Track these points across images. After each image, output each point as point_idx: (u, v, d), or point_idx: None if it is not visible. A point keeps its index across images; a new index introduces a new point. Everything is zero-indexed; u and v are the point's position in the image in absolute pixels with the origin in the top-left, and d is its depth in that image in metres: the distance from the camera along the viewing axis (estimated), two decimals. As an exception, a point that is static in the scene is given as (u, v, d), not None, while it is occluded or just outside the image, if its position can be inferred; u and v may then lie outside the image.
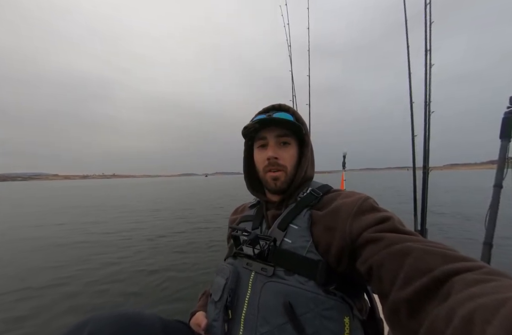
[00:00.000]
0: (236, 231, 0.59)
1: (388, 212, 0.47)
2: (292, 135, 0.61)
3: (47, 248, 4.05)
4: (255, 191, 0.68)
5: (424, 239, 0.38)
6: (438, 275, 0.30)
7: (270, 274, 0.49)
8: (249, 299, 0.49)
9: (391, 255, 0.36)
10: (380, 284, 0.37)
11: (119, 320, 0.44)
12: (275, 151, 0.59)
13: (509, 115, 1.21)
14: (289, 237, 0.52)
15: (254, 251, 0.54)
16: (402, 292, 0.32)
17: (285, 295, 0.45)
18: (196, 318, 0.59)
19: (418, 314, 0.29)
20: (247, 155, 0.70)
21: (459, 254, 0.33)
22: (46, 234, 5.01)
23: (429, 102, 1.93)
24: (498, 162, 1.27)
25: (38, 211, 8.88)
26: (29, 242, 4.40)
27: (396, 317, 0.33)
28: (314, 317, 0.42)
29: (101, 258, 3.44)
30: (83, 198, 15.13)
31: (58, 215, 7.64)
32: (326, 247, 0.48)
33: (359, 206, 0.48)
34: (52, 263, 3.27)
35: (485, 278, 0.26)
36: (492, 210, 1.27)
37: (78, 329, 0.41)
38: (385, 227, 0.42)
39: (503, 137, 1.23)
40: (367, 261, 0.40)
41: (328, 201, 0.56)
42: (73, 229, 5.47)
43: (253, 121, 0.60)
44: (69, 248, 4.00)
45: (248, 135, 0.65)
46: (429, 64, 1.92)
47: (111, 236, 4.77)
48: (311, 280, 0.45)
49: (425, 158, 1.94)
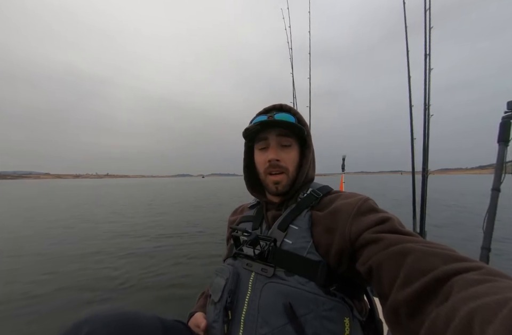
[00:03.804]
0: (236, 232, 0.59)
1: (387, 213, 0.48)
2: (293, 136, 0.61)
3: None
4: (255, 192, 0.68)
5: (424, 239, 0.39)
6: (438, 275, 0.30)
7: (270, 275, 0.49)
8: (249, 300, 0.49)
9: (391, 256, 0.37)
10: (379, 285, 0.37)
11: (118, 320, 0.44)
12: (276, 152, 0.59)
13: (506, 120, 1.22)
14: (290, 237, 0.52)
15: (255, 252, 0.53)
16: (403, 292, 0.32)
17: (285, 295, 0.45)
18: (195, 318, 0.58)
19: (418, 314, 0.29)
20: (247, 156, 0.70)
21: (459, 254, 0.33)
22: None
23: (428, 105, 1.95)
24: (496, 166, 1.27)
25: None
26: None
27: (396, 317, 0.33)
28: (314, 318, 0.42)
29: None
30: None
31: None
32: (326, 248, 0.48)
33: (358, 207, 0.49)
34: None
35: (485, 279, 0.26)
36: (490, 214, 1.27)
37: (76, 329, 0.40)
38: (385, 228, 0.43)
39: (500, 141, 1.24)
40: (367, 262, 0.40)
41: (328, 202, 0.56)
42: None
43: (254, 124, 0.59)
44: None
45: (248, 137, 0.65)
46: (428, 68, 1.94)
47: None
48: (312, 281, 0.45)
49: (425, 161, 1.95)
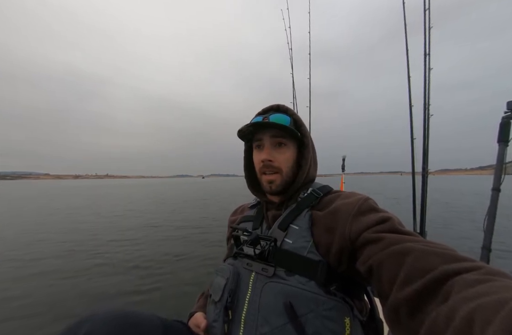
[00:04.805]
0: (237, 231, 0.59)
1: (387, 213, 0.48)
2: (289, 136, 0.60)
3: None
4: (255, 191, 0.68)
5: (424, 239, 0.39)
6: (438, 275, 0.30)
7: (270, 275, 0.49)
8: (250, 299, 0.49)
9: (391, 255, 0.37)
10: (380, 284, 0.37)
11: (118, 319, 0.44)
12: (269, 153, 0.59)
13: (506, 120, 1.22)
14: (290, 237, 0.52)
15: (255, 251, 0.54)
16: (403, 292, 0.32)
17: (285, 295, 0.45)
18: (195, 318, 0.58)
19: (418, 314, 0.30)
20: (247, 155, 0.70)
21: (459, 254, 0.33)
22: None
23: (428, 105, 1.95)
24: (496, 166, 1.28)
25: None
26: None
27: (396, 317, 0.33)
28: (315, 318, 0.42)
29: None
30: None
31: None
32: (326, 248, 0.48)
33: (359, 206, 0.49)
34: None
35: (485, 278, 0.26)
36: (490, 214, 1.27)
37: (76, 328, 0.41)
38: (385, 227, 0.43)
39: (500, 141, 1.25)
40: (367, 261, 0.40)
41: (328, 201, 0.56)
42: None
43: (246, 125, 0.59)
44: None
45: (244, 137, 0.66)
46: (428, 68, 1.95)
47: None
48: (312, 281, 0.45)
49: (425, 161, 1.96)
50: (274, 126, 0.58)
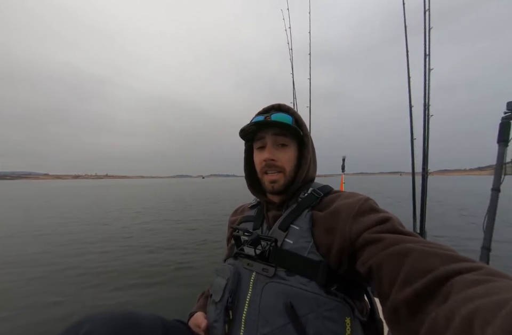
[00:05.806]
0: (237, 231, 0.59)
1: (387, 213, 0.48)
2: (290, 136, 0.60)
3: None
4: (255, 191, 0.68)
5: (424, 240, 0.39)
6: (437, 276, 0.30)
7: (271, 275, 0.49)
8: (250, 300, 0.49)
9: (391, 256, 0.37)
10: (379, 285, 0.37)
11: (118, 319, 0.44)
12: (272, 152, 0.59)
13: (505, 120, 1.22)
14: (291, 237, 0.52)
15: (256, 251, 0.54)
16: (403, 292, 0.32)
17: (286, 295, 0.45)
18: (195, 318, 0.58)
19: (418, 314, 0.30)
20: (248, 155, 0.70)
21: (459, 254, 0.33)
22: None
23: (428, 105, 1.95)
24: (496, 166, 1.28)
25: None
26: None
27: (396, 317, 0.33)
28: (315, 318, 0.42)
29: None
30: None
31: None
32: (327, 248, 0.48)
33: (359, 207, 0.49)
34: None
35: (484, 279, 0.26)
36: (490, 214, 1.27)
37: (76, 328, 0.40)
38: (385, 228, 0.43)
39: (500, 141, 1.25)
40: (367, 262, 0.40)
41: (328, 202, 0.56)
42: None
43: (249, 124, 0.59)
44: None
45: (246, 137, 0.66)
46: (428, 68, 1.95)
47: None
48: (312, 281, 0.45)
49: (425, 161, 1.96)
50: (277, 125, 0.58)
